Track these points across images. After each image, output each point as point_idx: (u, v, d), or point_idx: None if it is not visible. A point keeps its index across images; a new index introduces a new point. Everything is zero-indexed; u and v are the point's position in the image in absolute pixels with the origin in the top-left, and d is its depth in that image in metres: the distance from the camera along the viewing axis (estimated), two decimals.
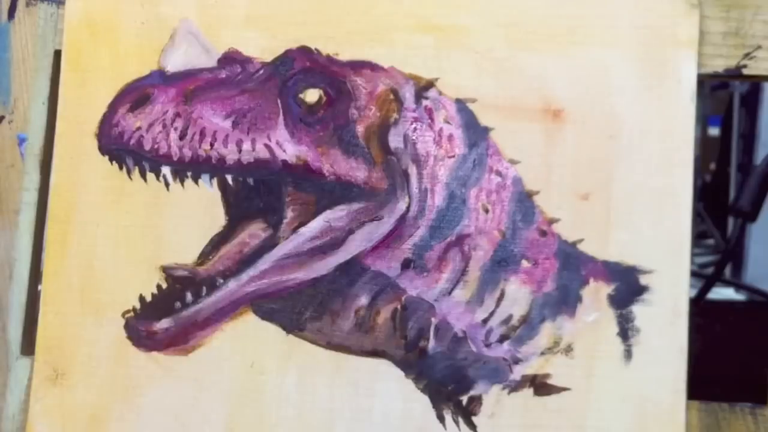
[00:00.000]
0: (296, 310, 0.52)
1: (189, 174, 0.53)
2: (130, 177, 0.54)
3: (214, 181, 0.53)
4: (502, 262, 0.51)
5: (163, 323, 0.54)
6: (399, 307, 0.52)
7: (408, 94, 0.52)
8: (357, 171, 0.52)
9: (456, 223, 0.51)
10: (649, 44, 0.50)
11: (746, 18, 0.51)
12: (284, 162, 0.53)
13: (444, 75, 0.52)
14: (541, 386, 0.50)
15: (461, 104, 0.52)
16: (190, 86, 0.54)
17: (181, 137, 0.53)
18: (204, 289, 0.53)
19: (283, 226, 0.53)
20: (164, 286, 0.54)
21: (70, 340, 0.55)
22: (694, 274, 0.69)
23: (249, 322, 0.53)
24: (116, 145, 0.54)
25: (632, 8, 0.51)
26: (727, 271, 1.37)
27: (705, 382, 0.51)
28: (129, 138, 0.53)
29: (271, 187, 0.53)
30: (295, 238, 0.52)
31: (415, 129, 0.52)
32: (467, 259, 0.51)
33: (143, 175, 0.53)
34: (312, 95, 0.53)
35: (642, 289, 0.50)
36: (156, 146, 0.53)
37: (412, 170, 0.52)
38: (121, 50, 0.56)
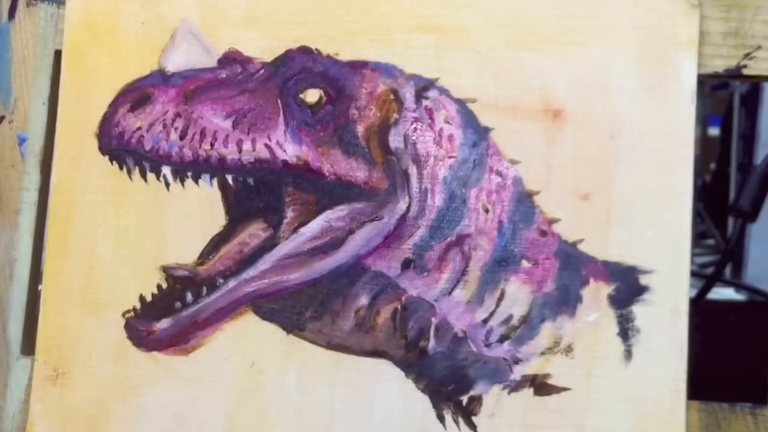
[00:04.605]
0: (296, 310, 0.52)
1: (189, 174, 0.53)
2: (130, 177, 0.54)
3: (215, 181, 0.53)
4: (502, 262, 0.51)
5: (164, 323, 0.54)
6: (399, 307, 0.52)
7: (408, 94, 0.52)
8: (357, 171, 0.52)
9: (456, 223, 0.51)
10: (649, 44, 0.50)
11: (746, 18, 0.51)
12: (284, 162, 0.53)
13: (444, 75, 0.52)
14: (541, 386, 0.50)
15: (461, 104, 0.52)
16: (191, 86, 0.54)
17: (182, 137, 0.53)
18: (204, 289, 0.53)
19: (283, 226, 0.53)
20: (164, 286, 0.54)
21: (70, 340, 0.55)
22: (694, 274, 0.69)
23: (249, 322, 0.53)
24: (116, 145, 0.54)
25: (632, 8, 0.51)
26: (727, 271, 1.37)
27: (705, 382, 0.51)
28: (129, 138, 0.53)
29: (272, 187, 0.53)
30: (296, 238, 0.53)
31: (415, 129, 0.52)
32: (467, 259, 0.51)
33: (143, 175, 0.53)
34: (312, 95, 0.53)
35: (642, 289, 0.50)
36: (156, 146, 0.53)
37: (413, 170, 0.52)
38: (122, 50, 0.56)
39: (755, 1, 0.51)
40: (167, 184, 0.53)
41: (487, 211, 0.51)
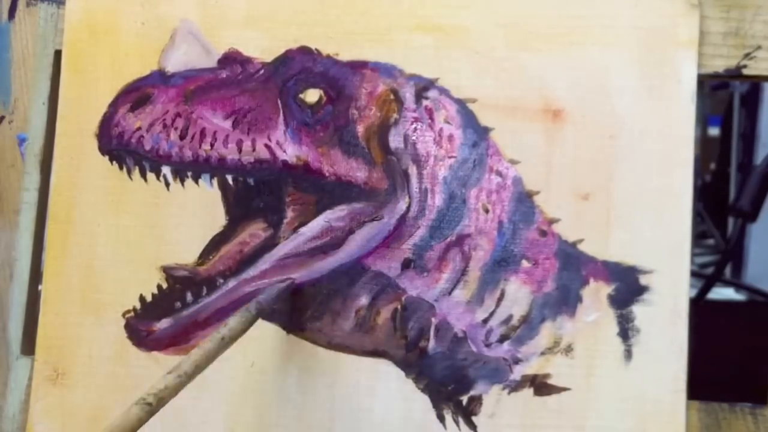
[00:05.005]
0: (296, 310, 0.52)
1: (189, 174, 0.53)
2: (130, 177, 0.54)
3: (215, 181, 0.53)
4: (502, 262, 0.51)
5: (164, 323, 0.54)
6: (399, 307, 0.52)
7: (408, 94, 0.52)
8: (357, 171, 0.52)
9: (456, 223, 0.51)
10: (649, 44, 0.50)
11: (746, 18, 0.51)
12: (284, 162, 0.53)
13: (444, 75, 0.52)
14: (541, 386, 0.50)
15: (461, 104, 0.52)
16: (191, 86, 0.54)
17: (182, 137, 0.53)
18: (204, 289, 0.53)
19: (283, 226, 0.53)
20: (164, 286, 0.54)
21: (70, 340, 0.55)
22: (694, 274, 0.69)
23: None
24: (116, 145, 0.54)
25: (632, 8, 0.51)
26: (727, 271, 1.37)
27: (705, 382, 0.51)
28: (129, 138, 0.53)
29: (272, 187, 0.53)
30: (296, 238, 0.53)
31: (415, 129, 0.52)
32: (467, 259, 0.51)
33: (143, 175, 0.54)
34: (312, 95, 0.53)
35: (642, 289, 0.50)
36: (156, 146, 0.53)
37: (413, 170, 0.52)
38: (121, 50, 0.56)
39: (755, 1, 0.51)
40: (167, 184, 0.53)
41: (487, 211, 0.51)
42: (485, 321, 0.51)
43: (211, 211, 0.54)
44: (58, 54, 0.57)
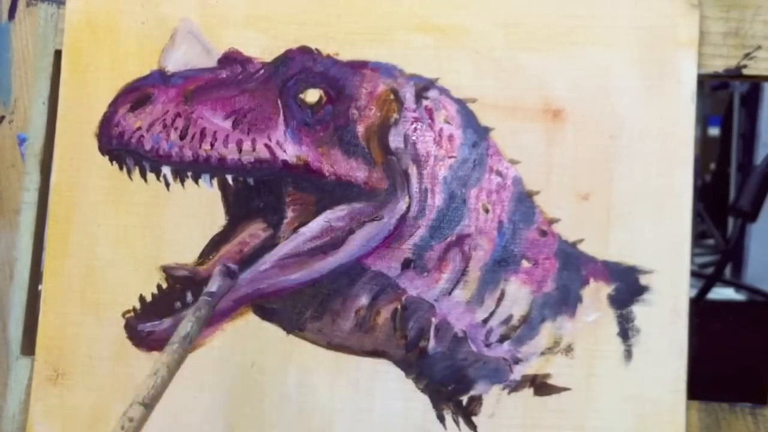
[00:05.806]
0: (296, 310, 0.52)
1: (189, 174, 0.53)
2: (130, 177, 0.54)
3: (215, 181, 0.53)
4: (502, 262, 0.51)
5: (164, 323, 0.54)
6: (399, 307, 0.52)
7: (408, 94, 0.52)
8: (357, 171, 0.52)
9: (456, 223, 0.51)
10: (649, 44, 0.50)
11: (746, 18, 0.51)
12: (284, 162, 0.53)
13: (444, 75, 0.52)
14: (541, 386, 0.50)
15: (461, 104, 0.52)
16: (191, 86, 0.54)
17: (182, 137, 0.53)
18: (204, 289, 0.53)
19: (283, 226, 0.53)
20: (164, 286, 0.54)
21: (70, 340, 0.55)
22: (694, 274, 0.69)
23: (249, 322, 0.53)
24: (116, 145, 0.54)
25: (632, 8, 0.51)
26: (727, 271, 1.37)
27: (705, 382, 0.51)
28: (129, 138, 0.53)
29: (272, 187, 0.53)
30: (296, 238, 0.53)
31: (415, 129, 0.52)
32: (467, 259, 0.51)
33: (143, 175, 0.54)
34: (312, 95, 0.53)
35: (642, 289, 0.50)
36: (156, 146, 0.53)
37: (413, 170, 0.52)
38: (122, 50, 0.56)
39: (755, 1, 0.51)
40: (167, 184, 0.53)
41: (487, 211, 0.51)
42: (485, 321, 0.51)
43: (211, 211, 0.54)
44: (58, 54, 0.57)
